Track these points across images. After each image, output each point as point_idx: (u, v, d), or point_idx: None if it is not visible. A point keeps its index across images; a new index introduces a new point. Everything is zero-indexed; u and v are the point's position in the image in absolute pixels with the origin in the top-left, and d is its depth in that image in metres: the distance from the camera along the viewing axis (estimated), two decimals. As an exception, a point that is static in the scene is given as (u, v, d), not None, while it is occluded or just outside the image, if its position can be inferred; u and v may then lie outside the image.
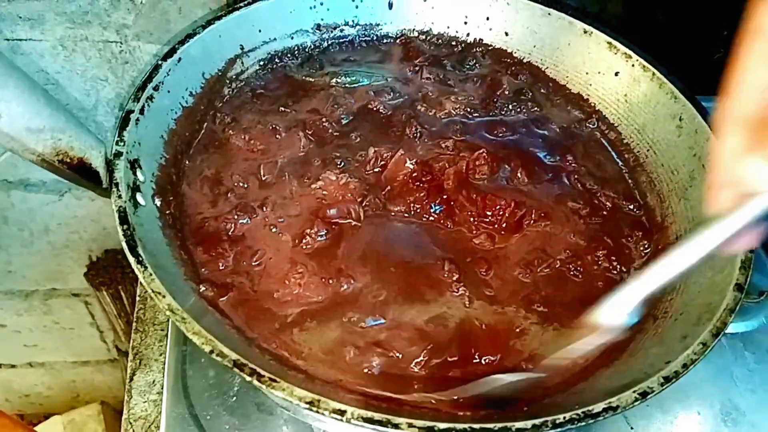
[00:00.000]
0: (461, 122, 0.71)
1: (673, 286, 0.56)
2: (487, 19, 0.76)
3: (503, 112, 0.72)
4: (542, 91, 0.76)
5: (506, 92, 0.75)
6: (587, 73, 0.73)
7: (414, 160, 0.63)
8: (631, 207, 0.66)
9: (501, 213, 0.61)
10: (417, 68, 0.76)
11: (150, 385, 0.72)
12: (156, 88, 0.60)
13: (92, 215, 1.07)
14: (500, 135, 0.70)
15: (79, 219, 1.07)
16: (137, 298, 0.82)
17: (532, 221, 0.62)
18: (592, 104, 0.73)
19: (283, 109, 0.70)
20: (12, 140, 0.47)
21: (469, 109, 0.72)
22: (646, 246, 0.62)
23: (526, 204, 0.63)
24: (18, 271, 1.16)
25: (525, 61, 0.77)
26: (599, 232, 0.63)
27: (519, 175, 0.66)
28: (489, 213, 0.62)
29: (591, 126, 0.73)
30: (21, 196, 1.01)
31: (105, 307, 1.17)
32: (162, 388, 0.71)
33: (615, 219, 0.65)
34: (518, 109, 0.73)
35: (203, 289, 0.54)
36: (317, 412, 0.41)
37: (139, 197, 0.53)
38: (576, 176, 0.67)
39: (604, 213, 0.65)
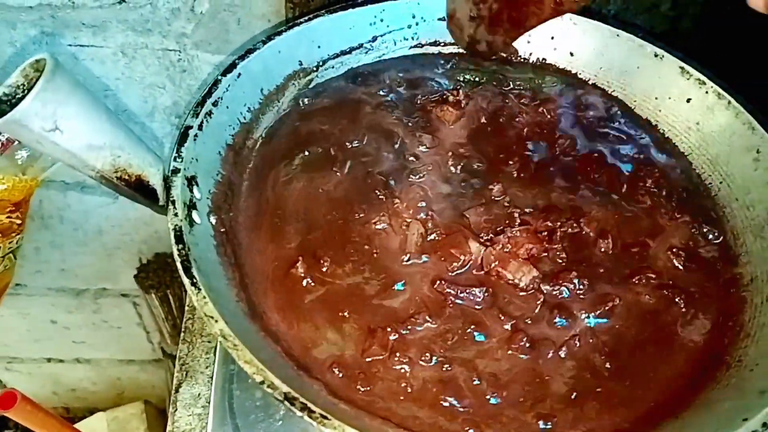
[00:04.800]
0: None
1: (747, 333, 0.53)
2: (552, 38, 0.74)
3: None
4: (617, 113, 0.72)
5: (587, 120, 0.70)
6: (657, 99, 0.69)
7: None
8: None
9: None
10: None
11: (195, 398, 0.72)
12: (215, 104, 0.59)
13: (145, 218, 1.08)
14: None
15: (132, 221, 1.09)
16: (186, 308, 0.82)
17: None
18: (661, 131, 0.69)
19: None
20: (72, 157, 0.47)
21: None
22: None
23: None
24: (71, 269, 1.18)
25: (590, 82, 0.74)
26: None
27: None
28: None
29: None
30: (77, 198, 1.03)
31: (152, 309, 1.19)
32: (207, 402, 0.71)
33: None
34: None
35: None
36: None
37: (194, 215, 0.53)
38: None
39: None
